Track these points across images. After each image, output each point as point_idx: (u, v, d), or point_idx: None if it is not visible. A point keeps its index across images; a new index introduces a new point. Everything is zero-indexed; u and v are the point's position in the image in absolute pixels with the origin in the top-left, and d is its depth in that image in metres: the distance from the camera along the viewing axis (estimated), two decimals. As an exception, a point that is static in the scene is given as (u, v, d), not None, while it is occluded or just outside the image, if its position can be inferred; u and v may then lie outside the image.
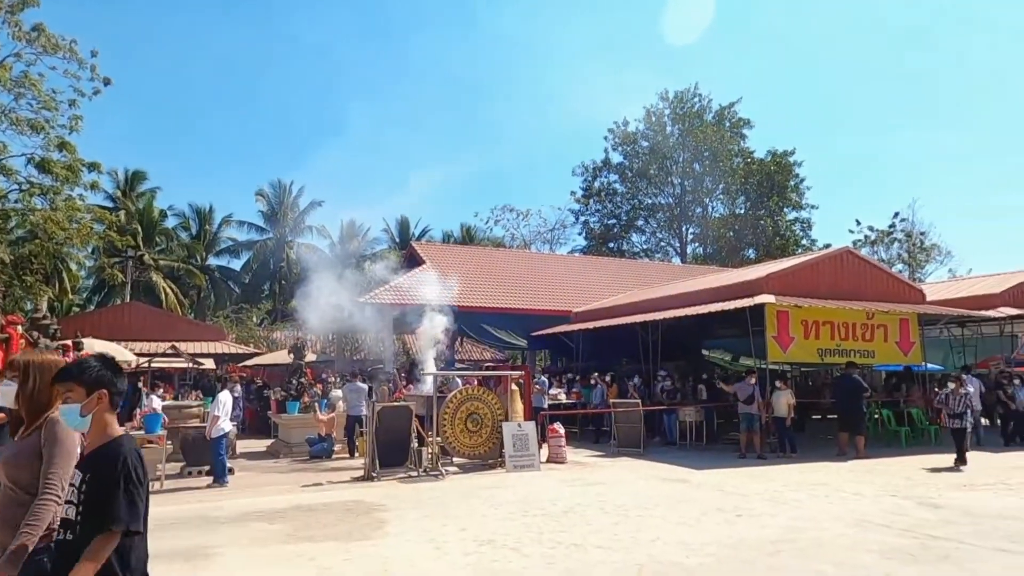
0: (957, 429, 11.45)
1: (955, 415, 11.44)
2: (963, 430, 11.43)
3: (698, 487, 9.65)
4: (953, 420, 11.49)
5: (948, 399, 11.63)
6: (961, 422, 11.41)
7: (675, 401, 15.16)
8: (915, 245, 51.15)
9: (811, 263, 15.59)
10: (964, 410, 11.51)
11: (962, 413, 11.43)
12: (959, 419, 11.41)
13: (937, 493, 9.00)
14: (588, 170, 42.33)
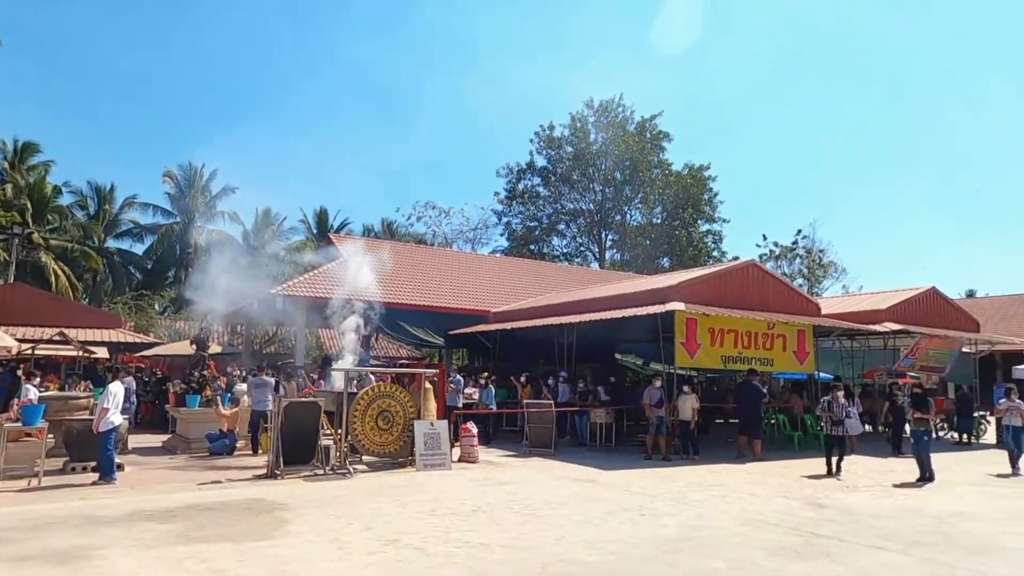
0: (836, 436, 11.67)
1: (836, 422, 11.64)
2: (842, 437, 11.71)
3: (605, 487, 9.86)
4: (834, 427, 11.66)
5: (831, 406, 11.79)
6: (841, 429, 11.64)
7: (587, 403, 15.44)
8: (814, 262, 54.54)
9: (719, 274, 16.29)
10: (843, 417, 11.71)
11: (841, 420, 11.65)
12: (839, 426, 11.63)
13: (823, 494, 9.59)
14: (513, 172, 42.72)
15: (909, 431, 13.98)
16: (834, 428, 11.70)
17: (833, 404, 11.82)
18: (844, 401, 11.99)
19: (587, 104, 42.17)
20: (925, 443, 11.25)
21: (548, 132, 41.92)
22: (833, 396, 11.88)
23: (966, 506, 9.02)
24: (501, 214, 43.20)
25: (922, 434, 11.36)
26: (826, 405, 11.96)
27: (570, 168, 41.98)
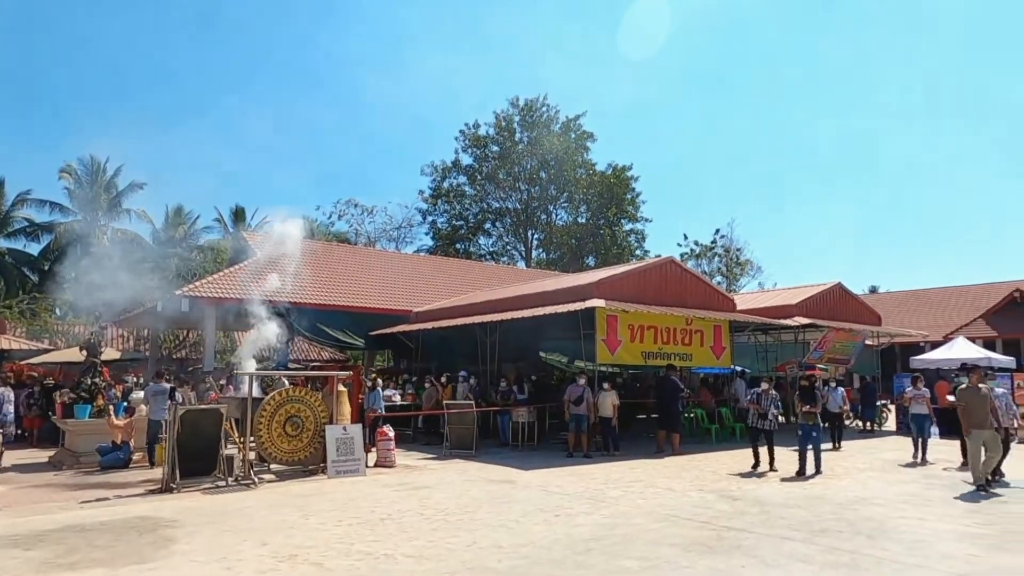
0: (763, 429, 11.43)
1: (763, 415, 11.38)
2: (770, 432, 11.35)
3: (524, 488, 9.67)
4: (761, 420, 11.41)
5: (760, 399, 11.50)
6: (767, 422, 11.35)
7: (508, 402, 15.26)
8: (732, 260, 56.71)
9: (639, 271, 16.46)
10: (768, 410, 11.39)
11: (766, 413, 11.35)
12: (765, 419, 11.37)
13: (736, 487, 9.74)
14: (437, 170, 42.19)
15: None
16: (760, 421, 11.48)
17: (762, 397, 11.55)
18: (774, 393, 11.72)
19: (512, 103, 42.24)
20: (814, 438, 10.96)
21: (473, 131, 41.67)
22: (764, 390, 11.62)
23: (868, 492, 9.34)
24: (426, 213, 42.67)
25: (809, 428, 10.98)
26: (755, 397, 11.68)
27: (496, 167, 41.90)
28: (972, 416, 9.59)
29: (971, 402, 9.70)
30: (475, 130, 41.63)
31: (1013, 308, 31.93)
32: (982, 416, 9.52)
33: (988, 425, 9.53)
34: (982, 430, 9.47)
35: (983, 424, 9.50)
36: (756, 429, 11.54)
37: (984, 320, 32.25)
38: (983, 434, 9.46)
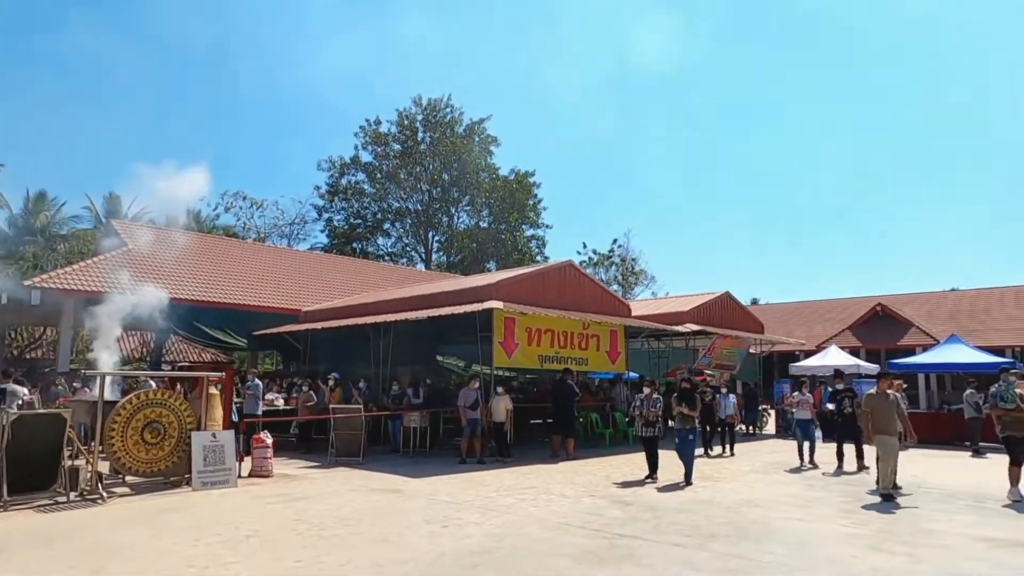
0: (648, 438, 10.82)
1: (649, 423, 10.82)
2: (654, 438, 10.80)
3: (411, 497, 9.11)
4: (647, 428, 10.84)
5: (644, 404, 10.95)
6: (653, 430, 10.79)
7: (400, 406, 14.59)
8: (628, 269, 58.52)
9: (537, 274, 16.29)
10: (657, 418, 10.85)
11: (655, 421, 10.82)
12: (652, 427, 10.80)
13: (629, 492, 9.63)
14: (335, 166, 40.54)
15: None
16: (646, 429, 10.83)
17: (646, 403, 10.91)
18: (658, 398, 11.08)
19: (415, 101, 41.34)
20: (690, 443, 10.40)
21: (374, 127, 40.42)
22: (647, 395, 10.99)
23: (754, 494, 9.50)
24: (322, 209, 40.86)
25: (686, 433, 10.42)
26: (640, 404, 11.01)
27: (397, 166, 40.86)
28: (878, 421, 9.35)
29: (878, 407, 9.44)
30: (376, 127, 40.43)
31: (876, 321, 34.71)
32: (887, 422, 9.30)
33: (894, 431, 9.34)
34: (887, 436, 9.23)
35: (888, 430, 9.27)
36: (645, 439, 10.85)
37: (851, 331, 34.80)
38: (888, 440, 9.22)
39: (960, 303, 37.06)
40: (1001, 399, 9.34)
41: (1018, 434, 9.10)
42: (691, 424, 10.54)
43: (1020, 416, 9.12)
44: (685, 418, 10.53)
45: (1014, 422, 9.15)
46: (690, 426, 10.52)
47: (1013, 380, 9.51)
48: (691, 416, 10.56)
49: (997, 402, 9.40)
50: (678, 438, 10.56)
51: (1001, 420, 9.33)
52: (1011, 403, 9.22)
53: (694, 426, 10.64)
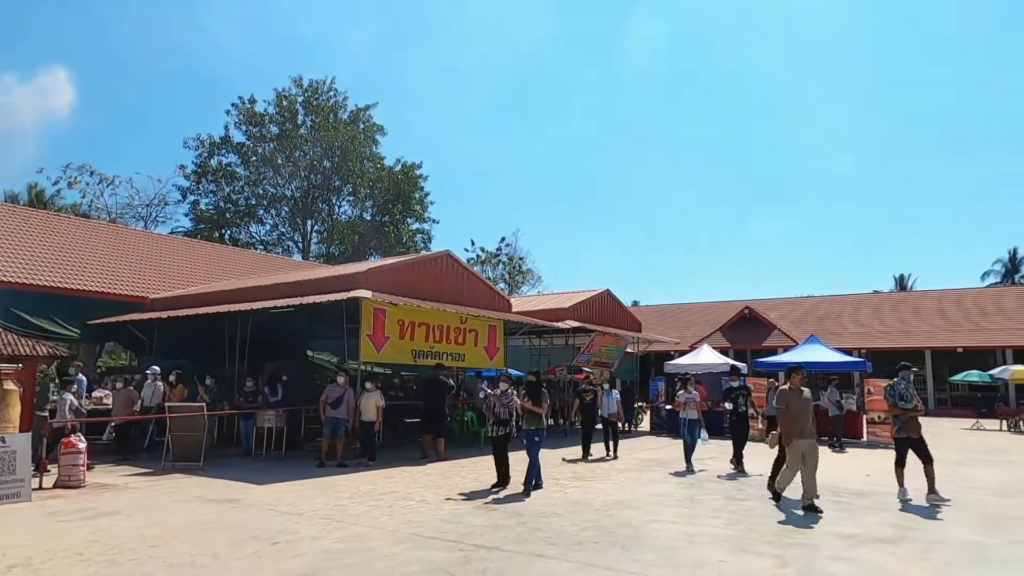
0: (498, 438, 9.50)
1: (501, 421, 9.46)
2: (506, 438, 9.51)
3: (248, 508, 7.92)
4: (497, 427, 9.48)
5: (493, 403, 9.67)
6: (505, 429, 9.45)
7: (254, 404, 13.14)
8: (515, 268, 58.61)
9: (412, 263, 15.36)
10: (510, 416, 9.53)
11: (508, 419, 9.50)
12: (503, 426, 9.45)
13: (494, 494, 8.94)
14: (204, 144, 37.17)
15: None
16: (497, 428, 9.46)
17: (494, 402, 9.52)
18: (512, 392, 9.60)
19: (295, 81, 38.83)
20: (535, 445, 9.13)
21: (249, 106, 37.50)
22: (502, 391, 9.54)
23: (626, 494, 9.10)
24: (187, 191, 37.35)
25: (532, 433, 9.17)
26: (490, 402, 9.76)
27: (275, 150, 38.20)
28: (795, 422, 7.99)
29: (793, 405, 8.04)
30: (251, 105, 37.51)
31: (743, 323, 36.63)
32: (805, 422, 8.00)
33: (812, 433, 8.09)
34: (805, 439, 7.97)
35: (806, 432, 7.99)
36: (496, 438, 9.44)
37: (721, 333, 36.53)
38: (804, 443, 7.97)
39: (817, 308, 39.93)
40: (901, 398, 8.78)
41: (913, 435, 8.62)
42: (537, 424, 9.28)
43: (916, 416, 8.71)
44: (532, 416, 9.26)
45: (911, 422, 8.67)
46: (536, 426, 9.26)
47: (912, 378, 9.07)
48: (537, 414, 9.26)
49: (896, 401, 8.79)
50: (525, 439, 9.31)
51: (899, 420, 8.79)
52: (911, 402, 8.72)
53: (541, 426, 9.32)
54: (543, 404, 9.38)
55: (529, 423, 9.30)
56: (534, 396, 9.33)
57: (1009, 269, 52.05)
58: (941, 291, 38.77)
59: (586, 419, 13.47)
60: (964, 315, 34.62)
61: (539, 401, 9.32)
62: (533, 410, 9.25)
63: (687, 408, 12.06)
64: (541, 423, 9.33)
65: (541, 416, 9.33)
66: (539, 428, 9.31)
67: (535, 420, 9.28)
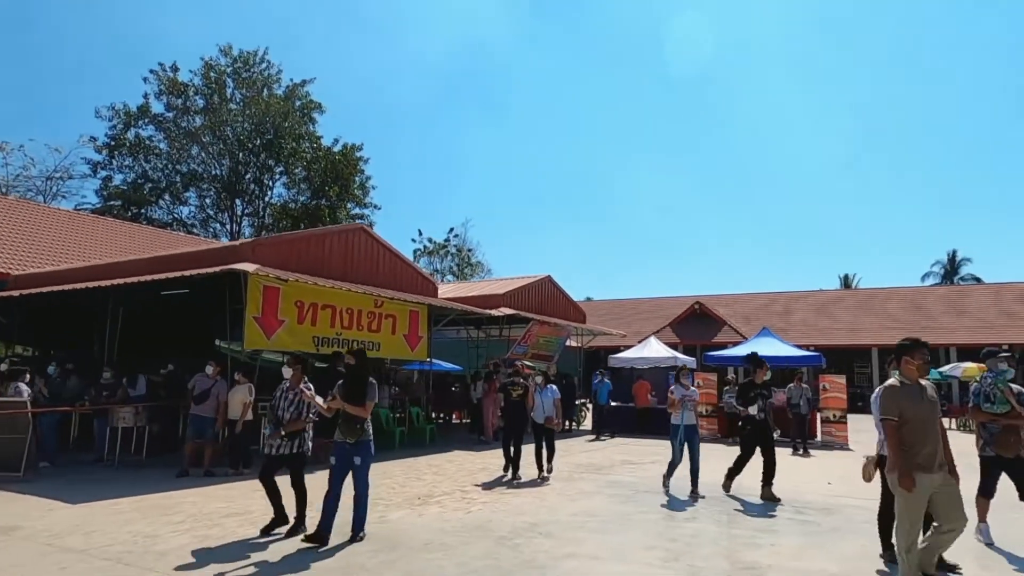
0: (274, 457, 6.26)
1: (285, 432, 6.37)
2: (286, 459, 6.31)
3: (21, 541, 5.81)
4: (278, 444, 6.26)
5: (282, 400, 6.40)
6: (291, 447, 6.30)
7: (111, 399, 10.86)
8: (464, 260, 56.57)
9: (316, 236, 13.28)
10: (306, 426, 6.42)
11: (302, 432, 6.42)
12: (289, 443, 6.30)
13: (375, 514, 7.01)
14: (119, 114, 33.86)
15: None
16: (281, 445, 6.30)
17: (284, 399, 6.31)
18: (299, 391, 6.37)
19: (223, 51, 35.80)
20: (361, 469, 6.02)
21: (171, 74, 34.36)
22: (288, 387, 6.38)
23: (544, 512, 7.31)
24: (98, 165, 33.98)
25: (349, 450, 5.91)
26: (279, 400, 6.36)
27: (204, 125, 35.15)
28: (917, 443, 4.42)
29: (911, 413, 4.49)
30: (173, 73, 34.38)
31: (693, 319, 35.56)
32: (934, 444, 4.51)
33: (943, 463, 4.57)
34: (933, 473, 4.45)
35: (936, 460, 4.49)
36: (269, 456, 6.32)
37: (671, 328, 35.38)
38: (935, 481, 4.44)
39: (766, 304, 39.18)
40: (988, 399, 6.19)
41: (1007, 454, 5.99)
42: (358, 435, 5.86)
43: (1015, 425, 5.99)
44: (348, 423, 5.85)
45: (1006, 435, 6.00)
46: (355, 438, 5.85)
47: (1007, 369, 6.23)
48: (359, 418, 5.87)
49: (980, 403, 6.23)
50: (335, 458, 5.95)
51: (988, 430, 6.14)
52: (1002, 405, 6.08)
53: (365, 436, 5.93)
54: (367, 402, 5.90)
55: (345, 433, 5.90)
56: (351, 389, 5.92)
57: (948, 271, 52.65)
58: (887, 289, 38.50)
59: (512, 423, 9.96)
60: (910, 313, 34.30)
61: (361, 397, 5.88)
62: (350, 413, 5.86)
63: (684, 409, 8.71)
64: (365, 433, 5.95)
65: (364, 422, 5.94)
66: (361, 441, 5.92)
67: (353, 429, 5.89)
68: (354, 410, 5.87)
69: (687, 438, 8.64)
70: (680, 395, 8.74)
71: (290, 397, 6.33)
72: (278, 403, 6.33)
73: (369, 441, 6.04)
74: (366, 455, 6.02)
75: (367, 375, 6.08)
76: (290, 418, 6.28)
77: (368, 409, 5.95)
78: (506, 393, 10.10)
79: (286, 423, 6.27)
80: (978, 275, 49.63)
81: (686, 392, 8.81)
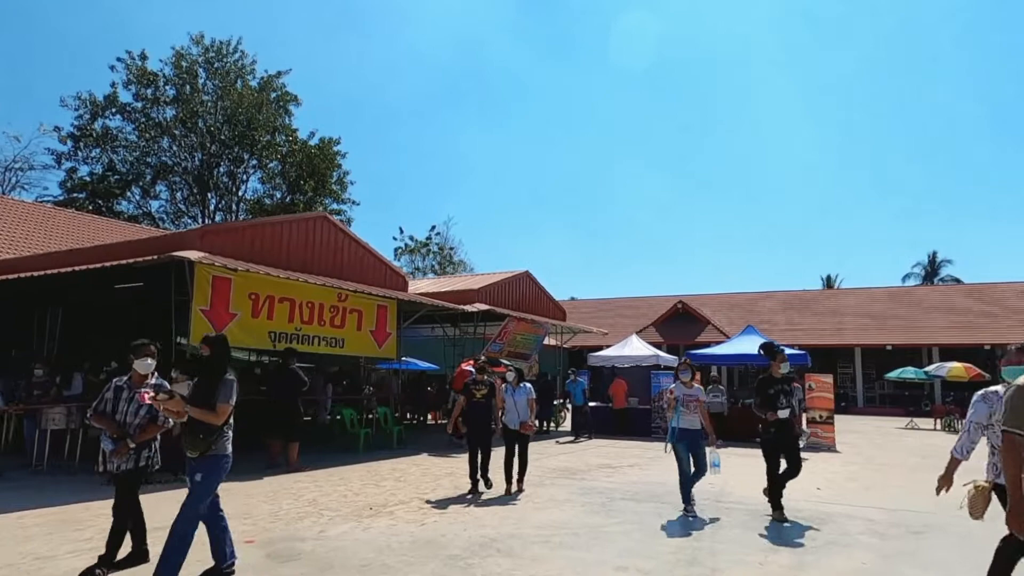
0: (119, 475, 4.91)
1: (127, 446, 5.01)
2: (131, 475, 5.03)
3: None
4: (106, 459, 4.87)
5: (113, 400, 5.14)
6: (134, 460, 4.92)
7: (43, 399, 9.96)
8: (446, 258, 55.72)
9: (275, 224, 12.46)
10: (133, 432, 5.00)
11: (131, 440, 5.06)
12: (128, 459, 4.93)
13: (316, 526, 6.21)
14: (86, 103, 32.58)
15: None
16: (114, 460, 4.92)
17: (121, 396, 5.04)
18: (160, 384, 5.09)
19: (195, 40, 34.62)
20: (199, 487, 4.44)
21: (140, 63, 33.15)
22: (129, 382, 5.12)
23: (507, 524, 6.55)
24: (62, 156, 32.68)
25: (193, 467, 4.48)
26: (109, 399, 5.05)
27: (177, 117, 33.91)
28: None
29: None
30: (142, 61, 33.18)
31: (677, 318, 35.00)
32: None
33: None
34: None
35: None
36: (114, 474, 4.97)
37: (654, 327, 34.80)
38: None
39: (749, 304, 38.72)
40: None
41: None
42: (199, 447, 4.42)
43: None
44: (192, 432, 4.45)
45: None
46: (200, 451, 4.42)
47: None
48: (211, 426, 4.42)
49: None
50: (188, 476, 4.52)
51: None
52: None
53: (215, 450, 4.45)
54: (218, 404, 4.41)
55: (187, 444, 4.46)
56: (198, 387, 4.60)
57: (929, 272, 52.71)
58: (870, 289, 38.23)
59: (475, 429, 8.49)
60: (892, 313, 34.03)
61: (208, 396, 4.45)
62: (197, 416, 4.41)
63: (686, 410, 7.27)
64: (217, 444, 4.46)
65: (216, 432, 4.44)
66: (209, 455, 4.44)
67: (196, 439, 4.42)
68: (199, 413, 4.39)
69: (691, 445, 7.22)
70: (681, 394, 7.31)
71: (135, 398, 5.04)
72: (114, 406, 5.01)
73: (219, 457, 4.48)
74: (210, 474, 4.44)
75: (223, 369, 4.58)
76: (139, 423, 4.93)
77: (220, 413, 4.41)
78: (468, 393, 8.57)
79: (136, 432, 4.90)
80: (958, 276, 49.70)
81: (688, 391, 7.35)
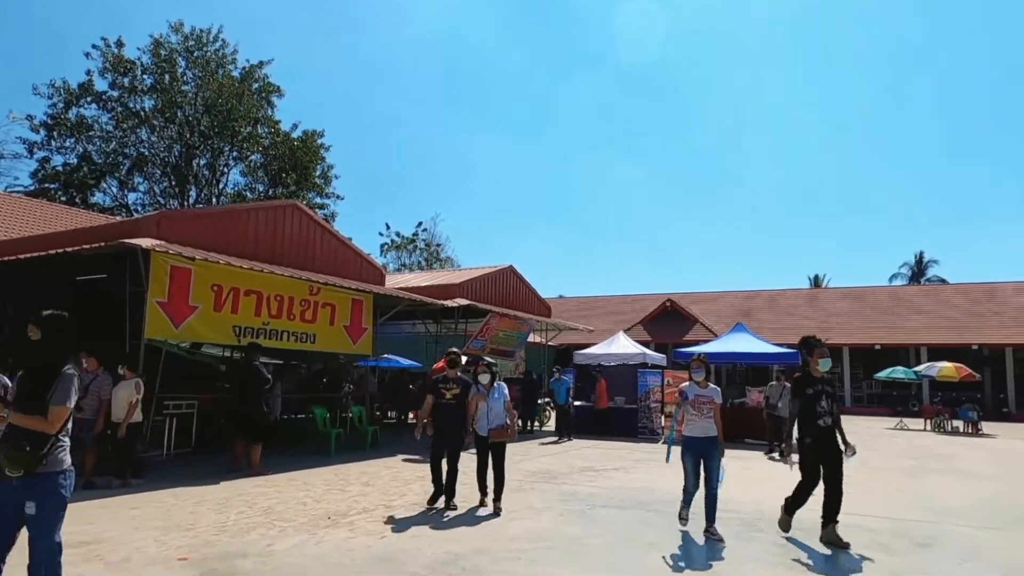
0: None
1: None
2: None
3: None
4: None
5: None
6: None
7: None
8: (432, 255, 55.04)
9: (241, 212, 11.84)
10: None
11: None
12: None
13: (264, 540, 5.60)
14: (60, 91, 31.53)
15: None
16: None
17: None
18: None
19: (174, 27, 33.65)
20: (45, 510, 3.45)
21: (116, 50, 32.14)
22: None
23: (478, 536, 5.98)
24: (34, 145, 31.63)
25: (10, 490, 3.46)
26: None
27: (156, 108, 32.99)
28: None
29: None
30: (118, 49, 32.18)
31: (665, 316, 34.60)
32: None
33: None
34: None
35: None
36: None
37: (642, 325, 34.38)
38: None
39: (736, 303, 38.39)
40: None
41: None
42: (24, 464, 3.26)
43: None
44: (13, 447, 3.27)
45: None
46: (19, 470, 3.27)
47: None
48: (31, 431, 3.31)
49: None
50: (12, 504, 3.36)
51: None
52: None
53: (45, 469, 3.32)
54: (51, 407, 3.34)
55: (10, 461, 3.27)
56: (24, 384, 3.58)
57: (915, 272, 52.70)
58: (858, 288, 38.01)
59: (445, 434, 7.39)
60: (880, 313, 33.83)
61: (37, 398, 3.37)
62: (21, 424, 3.33)
63: (698, 414, 6.25)
64: (50, 458, 3.36)
65: (45, 444, 3.34)
66: (40, 476, 3.33)
67: (18, 454, 3.26)
68: (24, 420, 3.30)
69: (703, 455, 6.20)
70: (692, 395, 6.28)
71: None
72: None
73: (54, 475, 3.34)
74: (46, 499, 3.31)
75: (59, 361, 3.45)
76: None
77: (54, 420, 3.32)
78: (436, 393, 7.41)
79: None
80: (943, 276, 49.70)
81: (701, 391, 6.29)
